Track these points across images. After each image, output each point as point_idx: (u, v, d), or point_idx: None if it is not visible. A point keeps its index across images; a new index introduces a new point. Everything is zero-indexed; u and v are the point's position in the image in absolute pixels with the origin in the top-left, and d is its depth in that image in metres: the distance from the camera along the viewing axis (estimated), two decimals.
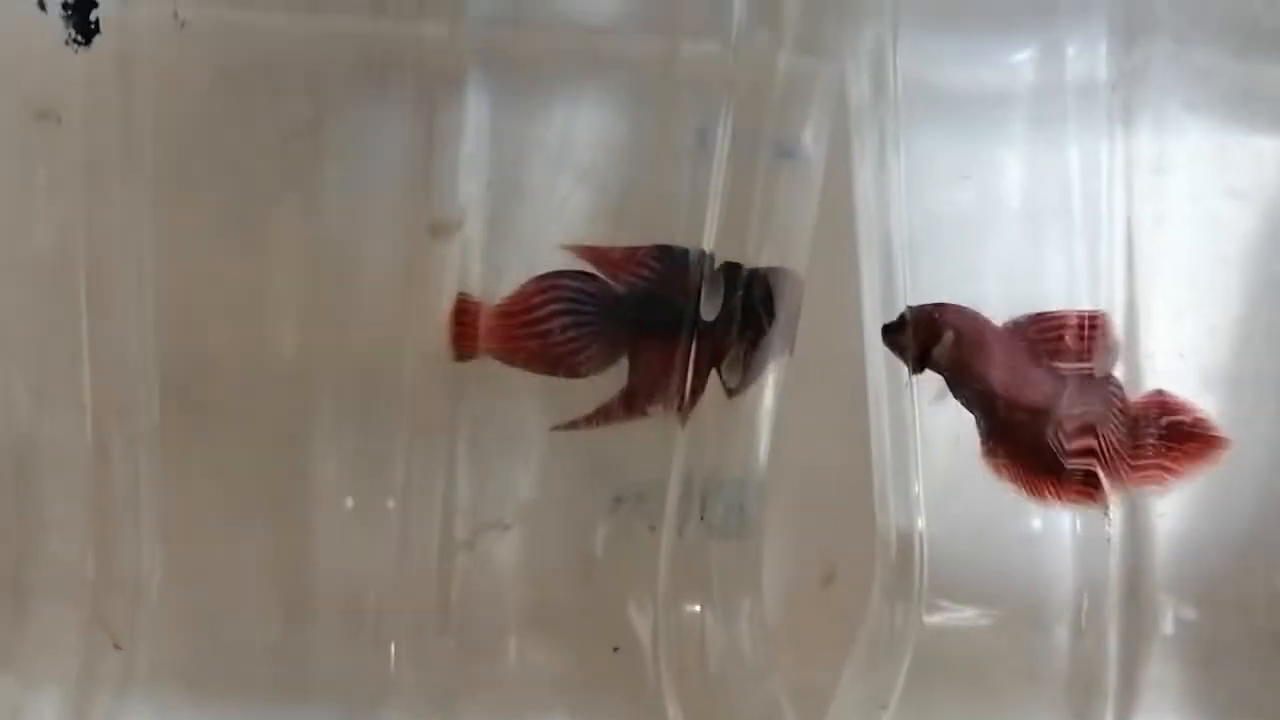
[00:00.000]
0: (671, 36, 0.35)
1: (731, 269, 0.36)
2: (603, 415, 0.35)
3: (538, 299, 0.34)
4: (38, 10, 0.32)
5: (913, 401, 0.43)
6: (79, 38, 0.32)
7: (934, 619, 0.42)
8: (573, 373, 0.34)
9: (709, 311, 0.36)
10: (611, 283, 0.34)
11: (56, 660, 0.34)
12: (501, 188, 0.33)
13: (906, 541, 0.44)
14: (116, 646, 0.34)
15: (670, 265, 0.35)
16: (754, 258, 0.36)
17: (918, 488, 0.43)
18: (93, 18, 0.32)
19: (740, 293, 0.36)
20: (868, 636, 0.45)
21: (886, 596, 0.44)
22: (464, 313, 0.33)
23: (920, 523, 0.43)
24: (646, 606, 0.36)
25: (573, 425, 0.34)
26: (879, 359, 0.44)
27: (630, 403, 0.35)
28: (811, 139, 0.39)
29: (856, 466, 0.47)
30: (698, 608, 0.37)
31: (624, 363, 0.35)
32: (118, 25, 0.32)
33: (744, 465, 0.39)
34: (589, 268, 0.34)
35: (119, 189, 0.32)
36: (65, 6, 0.32)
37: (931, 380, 0.42)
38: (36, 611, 0.35)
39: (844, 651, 0.47)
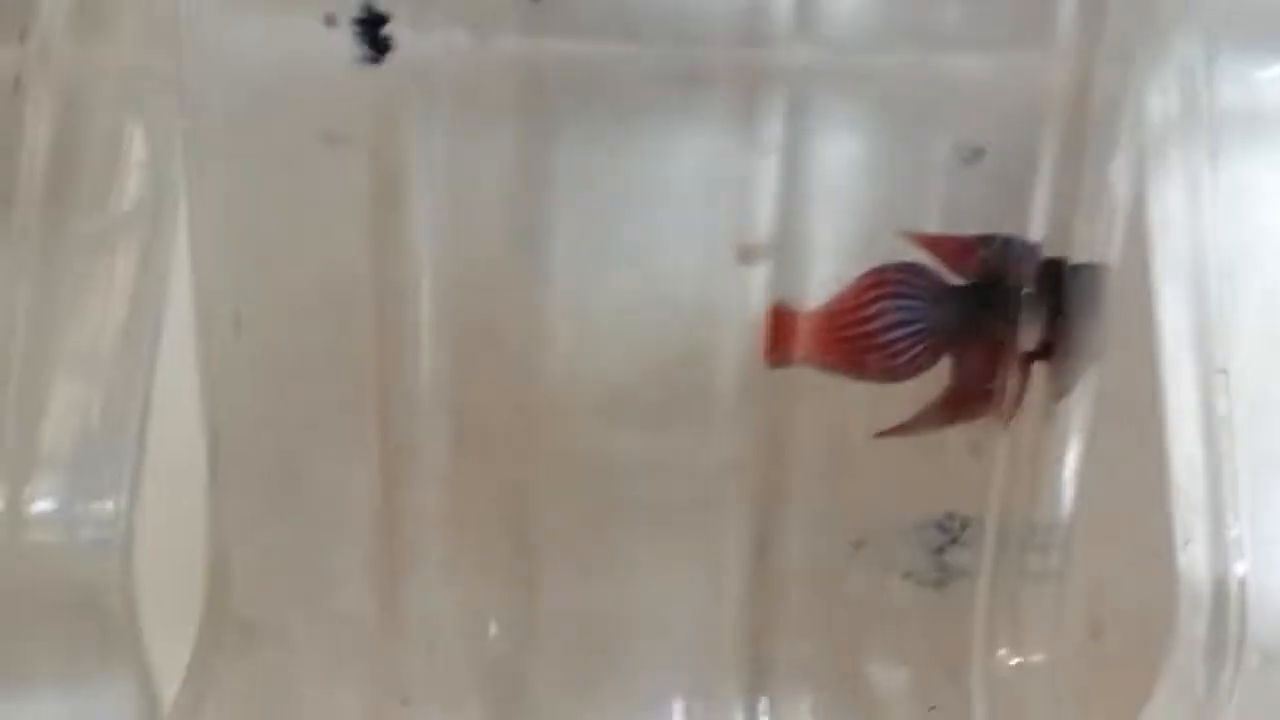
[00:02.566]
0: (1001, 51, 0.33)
1: (1054, 263, 0.34)
2: (927, 420, 0.32)
3: (869, 294, 0.31)
4: (324, 27, 0.31)
5: (1230, 434, 0.40)
6: (372, 54, 0.31)
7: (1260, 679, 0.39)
8: (893, 375, 0.32)
9: (1034, 306, 0.33)
10: (943, 273, 0.32)
11: (341, 714, 0.32)
12: (805, 204, 0.31)
13: (1220, 589, 0.41)
14: (404, 703, 0.32)
15: (1003, 256, 0.33)
16: (1077, 253, 0.34)
17: (1236, 530, 0.40)
18: (384, 33, 0.31)
19: (1063, 289, 0.34)
20: (1168, 696, 0.42)
21: (1192, 652, 0.41)
22: (780, 317, 0.31)
23: (1240, 568, 0.40)
24: (962, 660, 0.34)
25: (896, 432, 0.32)
26: (1188, 387, 0.41)
27: (956, 405, 0.33)
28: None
29: (1136, 504, 0.44)
30: (1016, 660, 0.35)
31: (942, 364, 0.32)
32: (411, 43, 0.30)
33: (1059, 489, 0.36)
34: (921, 257, 0.32)
35: (408, 214, 0.31)
36: (357, 22, 0.31)
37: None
38: (319, 667, 0.33)
39: (1120, 712, 0.44)
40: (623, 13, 0.30)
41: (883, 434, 0.32)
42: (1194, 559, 0.41)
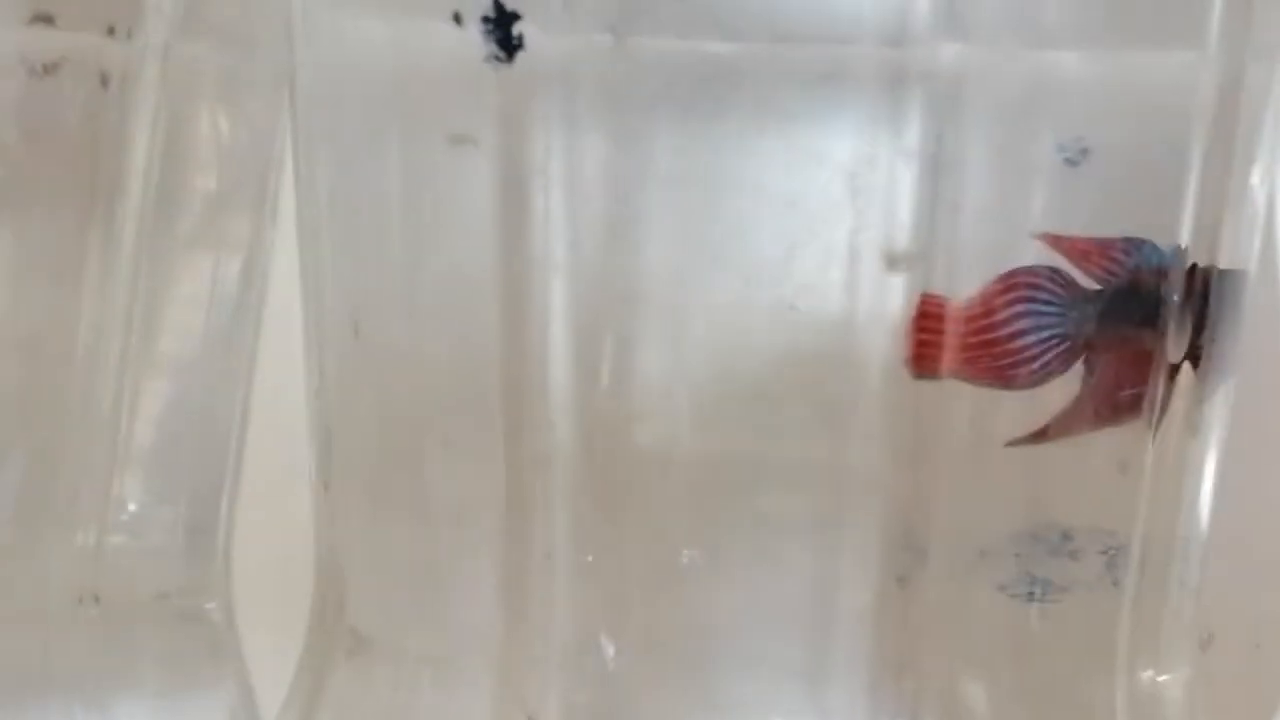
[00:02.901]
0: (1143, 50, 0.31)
1: (1201, 270, 0.33)
2: (1061, 427, 0.31)
3: (1000, 299, 0.30)
4: (452, 25, 0.30)
5: None
6: (501, 54, 0.30)
7: None
8: (1022, 382, 0.31)
9: (1180, 313, 0.32)
10: (1078, 277, 0.31)
11: None
12: (949, 210, 0.30)
13: None
14: (530, 718, 0.31)
15: (1141, 259, 0.31)
16: (1222, 259, 0.33)
17: None
18: (516, 32, 0.30)
19: (1209, 296, 0.33)
20: None
21: None
22: (928, 319, 0.30)
23: None
24: (1102, 678, 0.33)
25: (1030, 440, 0.31)
26: None
27: (1089, 413, 0.31)
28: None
29: (1252, 518, 0.43)
30: (1161, 678, 0.34)
31: (1075, 370, 0.31)
32: (543, 42, 0.29)
33: (1199, 503, 0.35)
34: (1057, 260, 0.30)
35: (537, 217, 0.30)
36: (486, 20, 0.30)
37: None
38: (440, 681, 0.32)
39: None
40: (764, 12, 0.29)
41: (1014, 442, 0.31)
42: None
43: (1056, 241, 0.31)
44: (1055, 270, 0.31)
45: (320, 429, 0.34)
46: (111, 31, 0.36)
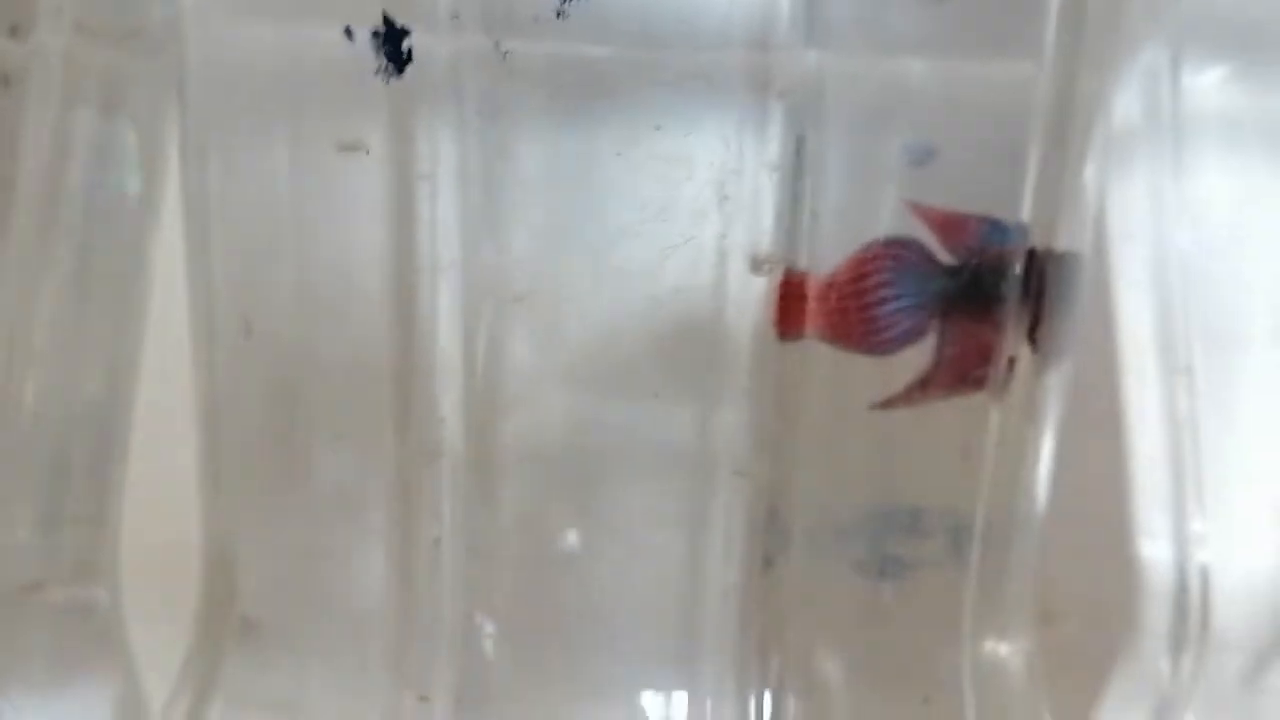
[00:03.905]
0: (985, 60, 0.34)
1: (1035, 253, 0.35)
2: (916, 393, 0.33)
3: (866, 267, 0.32)
4: (343, 37, 0.32)
5: (1194, 432, 0.41)
6: (390, 67, 0.31)
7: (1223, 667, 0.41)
8: (880, 348, 0.33)
9: (1023, 287, 0.34)
10: (937, 252, 0.33)
11: (356, 713, 0.33)
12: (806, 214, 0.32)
13: (1182, 581, 0.42)
14: (422, 699, 0.32)
15: (993, 236, 0.34)
16: (1059, 243, 0.35)
17: (1199, 523, 0.41)
18: (405, 46, 0.31)
19: (1046, 274, 0.35)
20: (1129, 684, 0.44)
21: (1154, 642, 0.43)
22: (790, 287, 0.32)
23: (1202, 559, 0.41)
24: (949, 649, 0.35)
25: (889, 404, 0.33)
26: (1151, 386, 0.42)
27: (942, 379, 0.34)
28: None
29: (1087, 497, 0.46)
30: (998, 647, 0.36)
31: (928, 340, 0.34)
32: (430, 55, 0.31)
33: (1038, 482, 0.37)
34: (920, 230, 0.33)
35: (420, 219, 0.31)
36: (376, 35, 0.31)
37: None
38: (332, 665, 0.33)
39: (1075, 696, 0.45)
40: (639, 20, 0.31)
41: (876, 405, 0.33)
42: (1155, 551, 0.43)
43: (922, 211, 0.33)
44: (918, 243, 0.33)
45: (208, 423, 0.36)
46: (12, 32, 0.37)
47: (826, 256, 0.32)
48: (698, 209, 0.31)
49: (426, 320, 0.32)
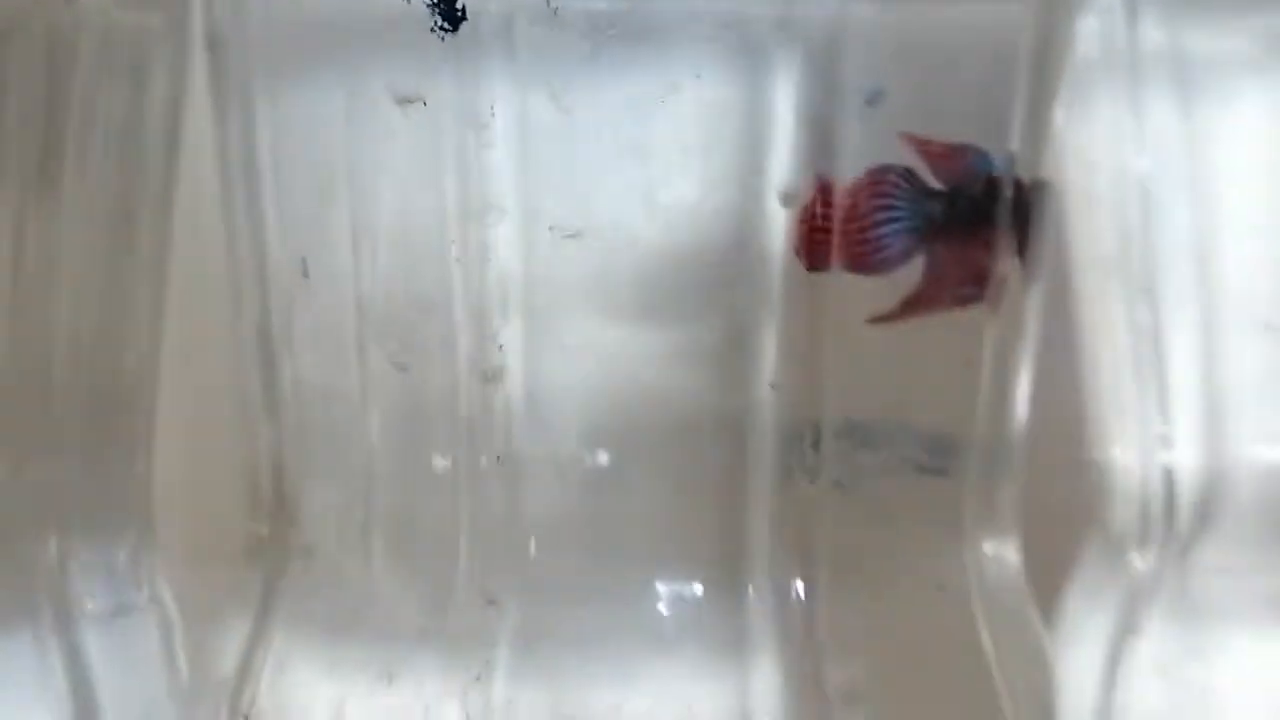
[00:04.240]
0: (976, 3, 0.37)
1: (1022, 180, 0.38)
2: (910, 309, 0.36)
3: (864, 193, 0.35)
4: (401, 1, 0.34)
5: (1155, 344, 0.45)
6: (445, 25, 0.34)
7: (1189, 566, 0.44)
8: (877, 269, 0.36)
9: (1011, 211, 0.38)
10: (928, 178, 0.36)
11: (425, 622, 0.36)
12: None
13: (1146, 483, 0.46)
14: (490, 602, 0.35)
15: (982, 166, 0.37)
16: (1041, 170, 0.39)
17: (1162, 427, 0.45)
18: (459, 5, 0.34)
19: (1027, 203, 0.38)
20: (1095, 579, 0.47)
21: (1120, 540, 0.46)
22: (812, 220, 0.35)
23: (1165, 461, 0.45)
24: (954, 545, 0.39)
25: (886, 319, 0.36)
26: (1115, 304, 0.46)
27: (931, 296, 0.37)
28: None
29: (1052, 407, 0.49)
30: (994, 546, 0.40)
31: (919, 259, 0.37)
32: (483, 10, 0.34)
33: (1022, 395, 0.40)
34: (912, 157, 0.36)
35: (479, 166, 0.34)
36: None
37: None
38: (395, 581, 0.36)
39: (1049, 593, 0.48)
40: None
41: (873, 320, 0.36)
42: (1119, 455, 0.46)
43: (916, 142, 0.36)
44: (910, 170, 0.36)
45: (264, 361, 0.38)
46: None
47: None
48: (735, 149, 0.34)
49: (484, 259, 0.35)
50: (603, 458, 0.35)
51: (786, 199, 0.35)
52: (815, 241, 0.35)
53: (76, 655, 0.41)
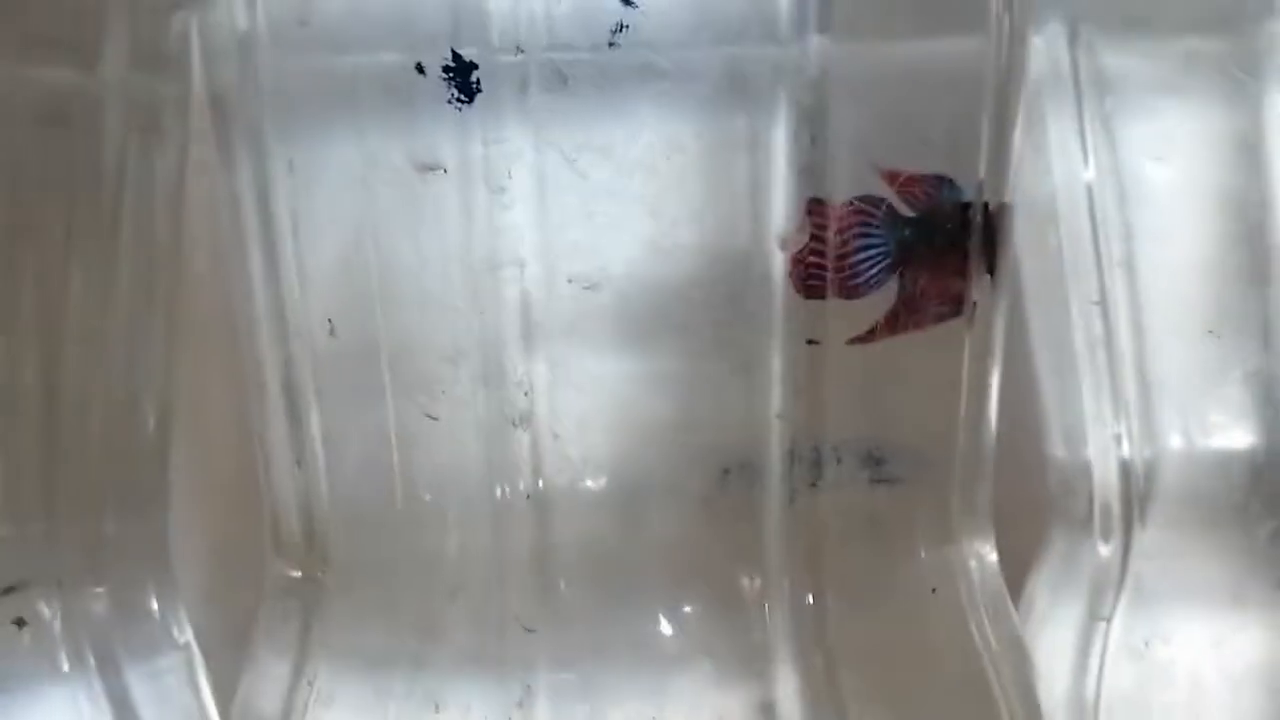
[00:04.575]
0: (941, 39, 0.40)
1: (989, 204, 0.41)
2: (886, 329, 0.39)
3: (844, 223, 0.38)
4: (416, 73, 0.36)
5: (1109, 350, 0.48)
6: (462, 98, 0.36)
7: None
8: (855, 294, 0.39)
9: (982, 235, 0.41)
10: (899, 206, 0.39)
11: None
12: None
13: (1104, 479, 0.49)
14: (527, 630, 0.38)
15: (947, 193, 0.40)
16: (1005, 194, 0.42)
17: (1116, 427, 0.48)
18: (473, 78, 0.36)
19: (997, 224, 0.41)
20: (1058, 566, 0.50)
21: (1085, 528, 0.49)
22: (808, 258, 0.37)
23: (1120, 453, 0.48)
24: (944, 549, 0.42)
25: (864, 340, 0.39)
26: (1074, 314, 0.49)
27: (910, 315, 0.40)
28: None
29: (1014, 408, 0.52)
30: (976, 546, 0.42)
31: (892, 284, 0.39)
32: (497, 81, 0.36)
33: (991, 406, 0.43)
34: (886, 189, 0.39)
35: (501, 226, 0.37)
36: (446, 70, 0.36)
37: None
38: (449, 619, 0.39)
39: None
40: (680, 33, 0.36)
41: (853, 340, 0.39)
42: (1078, 454, 0.50)
43: (891, 175, 0.39)
44: (882, 199, 0.39)
45: (291, 413, 0.41)
46: (82, 64, 0.41)
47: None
48: (736, 197, 0.37)
49: (506, 311, 0.37)
50: (625, 489, 0.38)
51: (783, 241, 0.37)
52: (811, 273, 0.38)
53: (122, 699, 0.43)
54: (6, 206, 0.41)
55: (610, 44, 0.36)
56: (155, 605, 0.45)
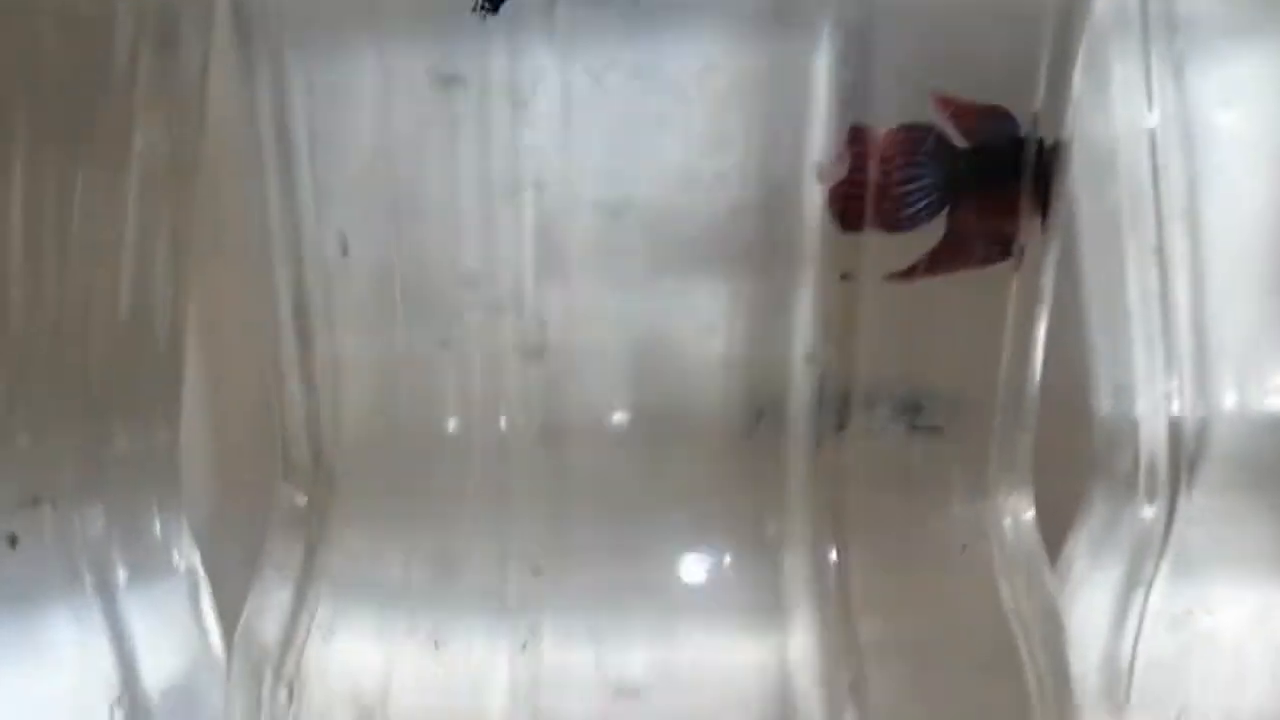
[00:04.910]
0: None
1: (1044, 141, 0.39)
2: (932, 265, 0.37)
3: (890, 151, 0.36)
4: None
5: (1165, 303, 0.46)
6: (487, 5, 0.35)
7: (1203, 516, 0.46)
8: (902, 226, 0.37)
9: (1034, 172, 0.39)
10: (952, 136, 0.37)
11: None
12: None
13: (1153, 434, 0.47)
14: (534, 572, 0.36)
15: (1002, 125, 0.38)
16: (1062, 132, 0.40)
17: (1166, 382, 0.46)
18: None
19: (1052, 162, 0.39)
20: (1104, 533, 0.48)
21: (1128, 489, 0.47)
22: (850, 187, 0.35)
23: (1172, 411, 0.46)
24: (977, 504, 0.40)
25: (906, 276, 0.37)
26: (1130, 265, 0.47)
27: (952, 253, 0.38)
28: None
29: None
30: (1013, 502, 0.41)
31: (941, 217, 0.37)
32: None
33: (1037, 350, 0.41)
34: (940, 116, 0.37)
35: (522, 145, 0.35)
36: None
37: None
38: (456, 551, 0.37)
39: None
40: None
41: (892, 276, 0.37)
42: (1127, 410, 0.48)
43: (946, 102, 0.37)
44: (934, 128, 0.37)
45: (301, 335, 0.39)
46: None
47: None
48: (772, 121, 0.35)
49: (525, 235, 0.35)
50: (643, 428, 0.36)
51: (822, 172, 0.35)
52: (850, 203, 0.36)
53: (117, 622, 0.42)
54: (30, 109, 0.40)
55: None
56: (158, 526, 0.44)
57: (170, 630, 0.44)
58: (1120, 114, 0.46)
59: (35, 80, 0.40)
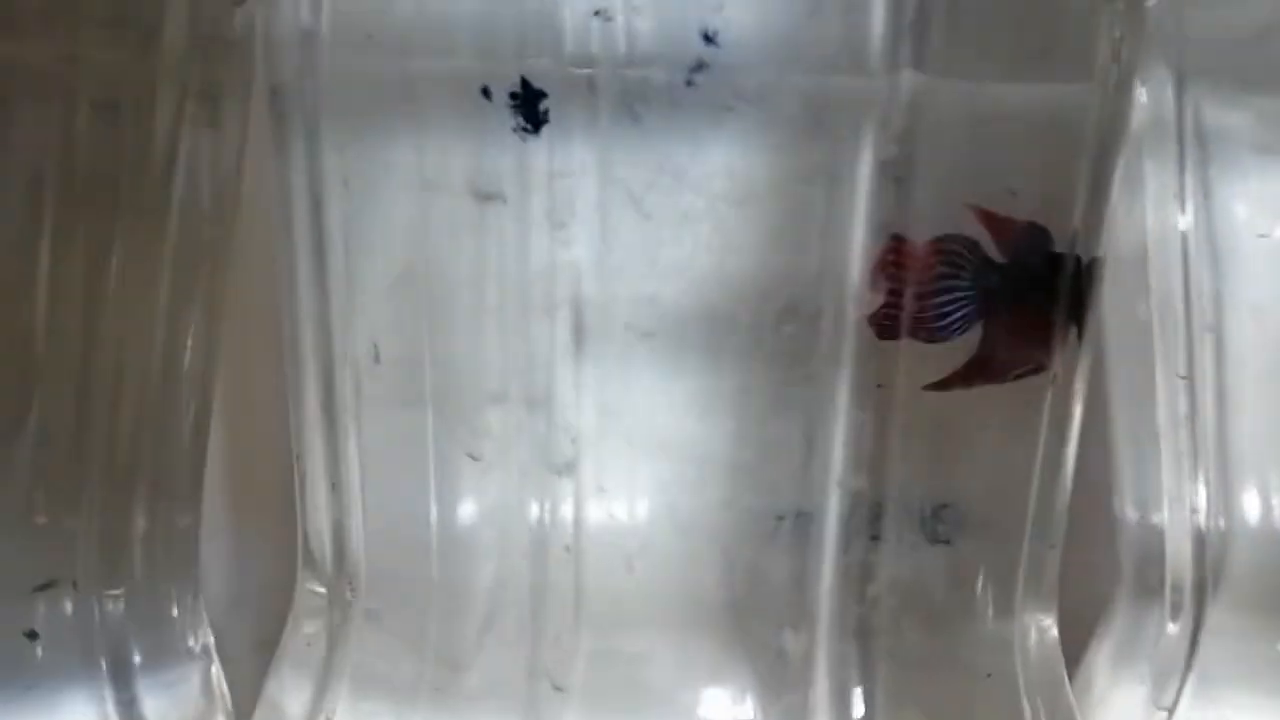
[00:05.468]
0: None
1: (1080, 258, 0.39)
2: (964, 377, 0.37)
3: (929, 260, 0.36)
4: (480, 96, 0.34)
5: (1193, 425, 0.45)
6: (527, 126, 0.34)
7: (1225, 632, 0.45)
8: (938, 337, 0.37)
9: (1071, 287, 0.39)
10: (989, 249, 0.37)
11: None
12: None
13: (1178, 548, 0.46)
14: (556, 689, 0.36)
15: (1039, 241, 0.38)
16: (1100, 247, 0.40)
17: (1192, 491, 0.46)
18: (541, 108, 0.34)
19: (1089, 277, 0.39)
20: (1120, 642, 0.48)
21: (1148, 604, 0.47)
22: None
23: (1197, 522, 0.46)
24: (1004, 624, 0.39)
25: (943, 385, 0.37)
26: (1159, 386, 0.46)
27: (991, 365, 0.37)
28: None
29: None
30: (1039, 620, 0.40)
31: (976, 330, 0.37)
32: (565, 115, 0.34)
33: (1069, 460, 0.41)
34: (977, 229, 0.36)
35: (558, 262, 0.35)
36: (513, 96, 0.34)
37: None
38: (477, 660, 0.37)
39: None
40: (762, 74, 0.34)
41: (929, 386, 0.37)
42: (1153, 520, 0.47)
43: (984, 215, 0.37)
44: (974, 241, 0.37)
45: (329, 433, 0.39)
46: (139, 47, 0.39)
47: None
48: (812, 239, 0.35)
49: (559, 349, 0.35)
50: (672, 545, 0.36)
51: (860, 301, 0.35)
52: (887, 310, 0.36)
53: (131, 704, 0.42)
54: (61, 187, 0.40)
55: (688, 82, 0.34)
56: (176, 610, 0.44)
57: (183, 713, 0.44)
58: (1152, 227, 0.46)
59: (68, 160, 0.40)
